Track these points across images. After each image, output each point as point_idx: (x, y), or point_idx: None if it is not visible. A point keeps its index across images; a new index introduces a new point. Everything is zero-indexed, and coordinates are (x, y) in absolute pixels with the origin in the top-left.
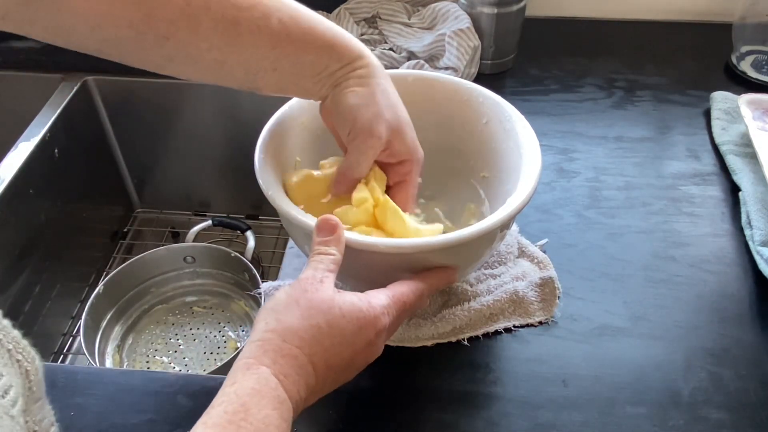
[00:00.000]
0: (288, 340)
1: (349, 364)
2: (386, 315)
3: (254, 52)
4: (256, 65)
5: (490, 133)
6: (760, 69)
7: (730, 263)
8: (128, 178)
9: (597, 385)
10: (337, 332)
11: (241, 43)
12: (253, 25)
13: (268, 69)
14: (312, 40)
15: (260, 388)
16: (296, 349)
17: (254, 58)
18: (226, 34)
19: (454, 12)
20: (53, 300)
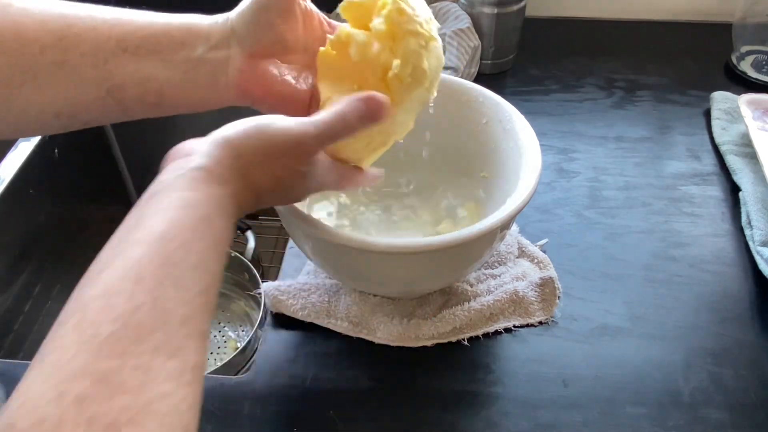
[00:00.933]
0: (249, 181)
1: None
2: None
3: (94, 37)
4: (101, 51)
5: (490, 133)
6: (760, 69)
7: (730, 263)
8: (128, 178)
9: (597, 385)
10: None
11: (75, 32)
12: (82, 12)
13: (117, 52)
14: (157, 15)
15: (221, 201)
16: (251, 190)
17: (97, 43)
18: (55, 28)
19: (454, 12)
20: (53, 300)
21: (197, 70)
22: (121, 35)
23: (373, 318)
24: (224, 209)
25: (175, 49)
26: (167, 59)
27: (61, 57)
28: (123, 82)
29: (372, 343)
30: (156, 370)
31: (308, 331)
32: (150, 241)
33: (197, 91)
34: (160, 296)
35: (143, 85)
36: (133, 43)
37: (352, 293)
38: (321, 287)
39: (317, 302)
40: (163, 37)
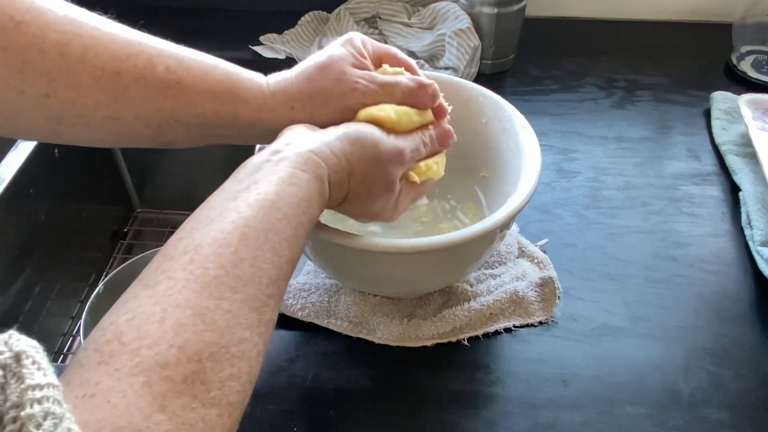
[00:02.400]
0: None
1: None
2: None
3: (146, 105)
4: (154, 118)
5: (490, 133)
6: (760, 69)
7: (730, 263)
8: (128, 178)
9: (597, 385)
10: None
11: (128, 97)
12: (137, 74)
13: (170, 121)
14: (210, 87)
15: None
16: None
17: (149, 112)
18: (109, 88)
19: (454, 12)
20: (53, 300)
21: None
22: (173, 109)
23: (373, 318)
24: (322, 195)
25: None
26: (219, 133)
27: (116, 114)
28: (173, 140)
29: (372, 343)
30: (241, 318)
31: (308, 331)
32: (259, 207)
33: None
34: (259, 257)
35: (192, 143)
36: (185, 118)
37: (352, 293)
38: (321, 287)
39: (317, 302)
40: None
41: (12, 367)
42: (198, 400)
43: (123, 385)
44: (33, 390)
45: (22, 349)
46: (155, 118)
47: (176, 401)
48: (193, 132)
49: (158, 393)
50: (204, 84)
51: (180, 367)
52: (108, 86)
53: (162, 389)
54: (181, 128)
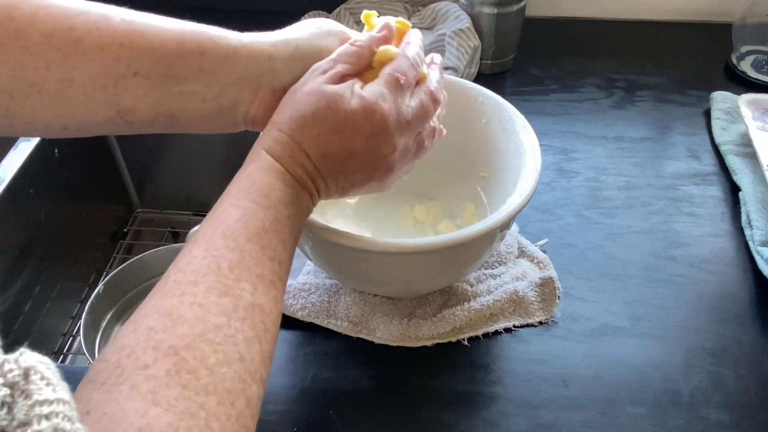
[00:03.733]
0: (281, 129)
1: (350, 154)
2: (380, 102)
3: (101, 57)
4: (110, 73)
5: (490, 133)
6: (760, 69)
7: (730, 263)
8: (128, 178)
9: (597, 385)
10: (321, 122)
11: (81, 51)
12: (90, 26)
13: (127, 75)
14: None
15: (262, 164)
16: (286, 136)
17: (104, 64)
18: (61, 45)
19: (454, 12)
20: (53, 300)
21: (217, 101)
22: (131, 57)
23: (373, 318)
24: (264, 168)
25: (191, 77)
26: (182, 87)
27: (68, 75)
28: (133, 106)
29: (372, 343)
30: (209, 306)
31: (308, 331)
32: (209, 213)
33: (214, 118)
34: (210, 247)
35: (155, 110)
36: (144, 67)
37: (352, 293)
38: (321, 287)
39: (317, 302)
40: (178, 62)
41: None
42: (190, 389)
43: (113, 395)
44: (41, 406)
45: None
46: (111, 72)
47: (167, 393)
48: (155, 92)
49: (146, 390)
50: (165, 29)
51: (159, 364)
52: (60, 43)
53: (149, 386)
54: (141, 85)
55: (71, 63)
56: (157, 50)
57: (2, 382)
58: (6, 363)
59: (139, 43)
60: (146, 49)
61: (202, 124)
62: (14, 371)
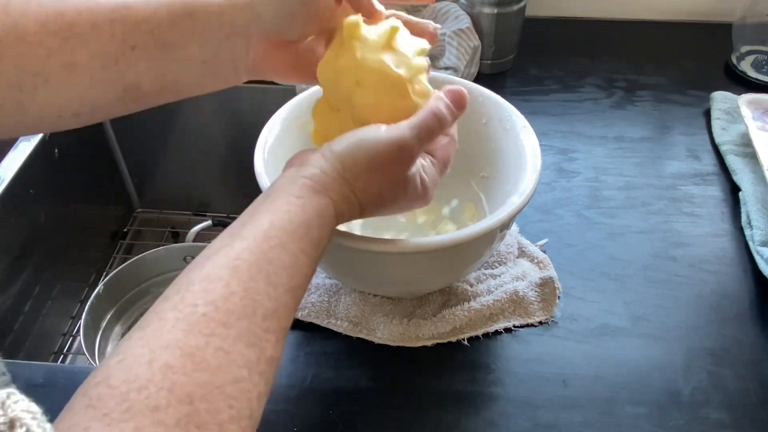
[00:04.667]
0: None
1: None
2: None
3: (97, 36)
4: (109, 51)
5: (490, 133)
6: (760, 69)
7: (730, 263)
8: (128, 178)
9: (597, 385)
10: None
11: (77, 33)
12: (80, 7)
13: (126, 51)
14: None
15: (323, 213)
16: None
17: (101, 43)
18: (57, 30)
19: (454, 12)
20: (53, 300)
21: (215, 58)
22: (125, 32)
23: (373, 318)
24: (323, 217)
25: (186, 42)
26: (180, 53)
27: (70, 59)
28: (138, 80)
29: (372, 343)
30: (235, 355)
31: (308, 331)
32: (252, 238)
33: (216, 76)
34: (251, 288)
35: (159, 81)
36: (140, 41)
37: (352, 293)
38: (321, 287)
39: (317, 302)
40: (170, 30)
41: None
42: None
43: (114, 430)
44: None
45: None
46: (110, 50)
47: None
48: (156, 63)
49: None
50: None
51: (171, 410)
52: (55, 28)
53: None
54: (141, 58)
55: (70, 46)
56: (149, 21)
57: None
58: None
59: (130, 17)
60: (138, 21)
61: (206, 85)
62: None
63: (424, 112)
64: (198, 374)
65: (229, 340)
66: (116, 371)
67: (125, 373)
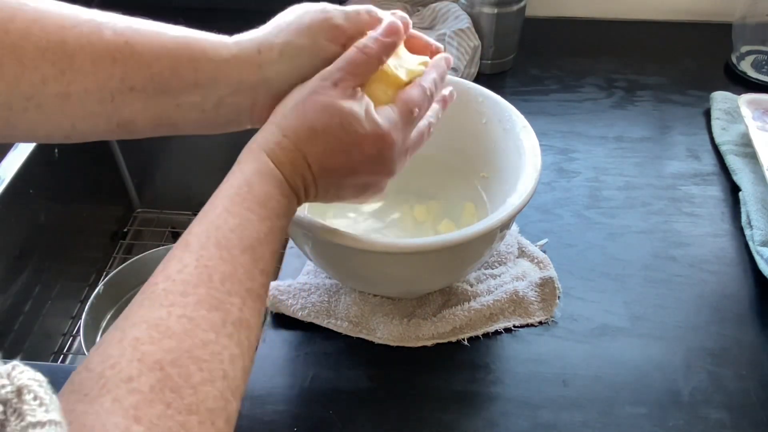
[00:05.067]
0: (287, 136)
1: (351, 172)
2: (392, 132)
3: (96, 72)
4: (105, 87)
5: (490, 133)
6: (760, 69)
7: (730, 263)
8: (128, 178)
9: (597, 385)
10: (332, 139)
11: (76, 67)
12: (83, 40)
13: (123, 90)
14: (161, 44)
15: (261, 169)
16: (291, 144)
17: (99, 79)
18: (56, 60)
19: (454, 12)
20: (53, 300)
21: (217, 110)
22: (124, 73)
23: (373, 318)
24: (262, 173)
25: (187, 90)
26: (179, 100)
27: (65, 90)
28: (133, 118)
29: (372, 343)
30: (198, 320)
31: (308, 331)
32: (201, 214)
33: (216, 125)
34: (202, 256)
35: (155, 121)
36: (139, 83)
37: (352, 293)
38: (321, 287)
39: (317, 302)
40: (172, 77)
41: (13, 402)
42: (173, 407)
43: (95, 407)
44: (33, 428)
45: (24, 383)
46: (107, 87)
47: (150, 411)
48: (153, 105)
49: (129, 405)
50: (156, 42)
51: (143, 378)
52: (54, 57)
53: (132, 401)
54: (138, 99)
55: (67, 79)
56: (151, 66)
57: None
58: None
59: (132, 60)
60: (139, 65)
61: (206, 129)
62: (7, 387)
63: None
64: (165, 342)
65: (190, 307)
66: (93, 356)
67: (100, 355)
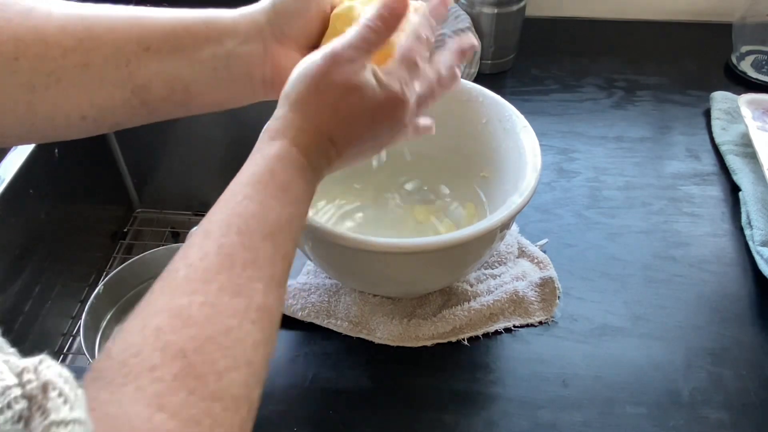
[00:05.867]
0: (308, 119)
1: (372, 137)
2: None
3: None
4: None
5: (490, 133)
6: (760, 69)
7: (730, 263)
8: (128, 178)
9: (597, 385)
10: (352, 113)
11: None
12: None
13: (139, 52)
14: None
15: (283, 154)
16: (314, 128)
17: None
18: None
19: (454, 12)
20: (53, 300)
21: (228, 66)
22: (140, 34)
23: (373, 318)
24: (284, 159)
25: (199, 46)
26: (192, 57)
27: (84, 59)
28: (147, 82)
29: (372, 343)
30: (221, 307)
31: (308, 331)
32: (221, 202)
33: (229, 87)
34: (224, 243)
35: (169, 84)
36: (154, 42)
37: (352, 293)
38: (321, 287)
39: (317, 302)
40: (185, 34)
41: (38, 398)
42: (197, 394)
43: (117, 395)
44: (57, 426)
45: (49, 379)
46: (124, 51)
47: (173, 398)
48: (167, 65)
49: (152, 394)
50: (171, 10)
51: (167, 367)
52: (74, 30)
53: (155, 390)
54: (153, 60)
55: (85, 47)
56: (165, 26)
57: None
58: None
59: (147, 21)
60: (154, 25)
61: (218, 94)
62: (33, 383)
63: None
64: (187, 330)
65: (212, 294)
66: (115, 344)
67: (122, 343)
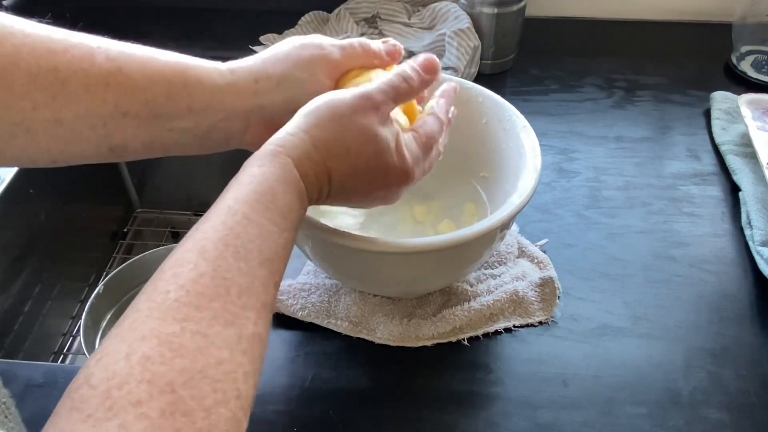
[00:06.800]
0: (317, 148)
1: (366, 193)
2: (415, 168)
3: (88, 99)
4: (98, 114)
5: (490, 133)
6: (760, 69)
7: (730, 263)
8: (128, 178)
9: (597, 385)
10: (361, 162)
11: (68, 92)
12: (75, 66)
13: (116, 115)
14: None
15: (286, 177)
16: (321, 158)
17: (91, 106)
18: (47, 85)
19: (454, 12)
20: (53, 300)
21: (209, 135)
22: (118, 98)
23: (373, 318)
24: (286, 182)
25: (180, 115)
26: (172, 125)
27: (56, 116)
28: (124, 143)
29: (372, 343)
30: (213, 337)
31: (308, 331)
32: (217, 215)
33: (205, 150)
34: (220, 266)
35: (147, 146)
36: (132, 108)
37: (352, 293)
38: (321, 287)
39: (317, 302)
40: (165, 101)
41: None
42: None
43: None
44: None
45: None
46: (100, 113)
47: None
48: (146, 130)
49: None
50: (150, 68)
51: (154, 402)
52: (45, 83)
53: (141, 428)
54: (131, 125)
55: (58, 104)
56: (145, 92)
57: None
58: None
59: (126, 85)
60: (133, 90)
61: (196, 152)
62: None
63: (391, 74)
64: (177, 361)
65: (205, 323)
66: (96, 370)
67: (104, 371)
